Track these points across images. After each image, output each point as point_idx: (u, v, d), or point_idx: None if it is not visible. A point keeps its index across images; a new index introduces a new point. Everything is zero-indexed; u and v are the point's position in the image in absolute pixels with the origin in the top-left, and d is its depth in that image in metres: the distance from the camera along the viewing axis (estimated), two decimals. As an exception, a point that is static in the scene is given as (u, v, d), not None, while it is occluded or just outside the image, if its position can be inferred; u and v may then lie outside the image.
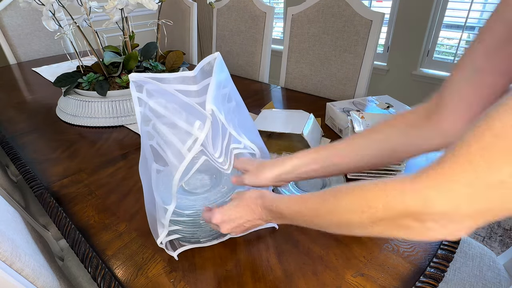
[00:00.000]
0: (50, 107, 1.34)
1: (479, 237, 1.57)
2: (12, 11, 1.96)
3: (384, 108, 1.02)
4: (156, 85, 0.49)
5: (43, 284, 0.58)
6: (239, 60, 1.80)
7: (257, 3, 1.63)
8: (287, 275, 0.58)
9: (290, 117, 0.99)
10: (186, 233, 0.61)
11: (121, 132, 1.14)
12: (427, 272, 0.57)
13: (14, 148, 1.03)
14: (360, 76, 1.34)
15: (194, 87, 0.55)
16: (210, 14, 3.27)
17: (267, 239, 0.66)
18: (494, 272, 0.80)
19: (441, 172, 0.31)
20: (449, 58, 2.24)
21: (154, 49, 1.30)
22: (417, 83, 2.40)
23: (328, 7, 1.37)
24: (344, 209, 0.39)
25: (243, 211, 0.52)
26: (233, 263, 0.61)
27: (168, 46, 2.09)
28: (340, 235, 0.65)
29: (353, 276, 0.57)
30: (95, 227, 0.71)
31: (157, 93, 0.52)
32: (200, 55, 3.71)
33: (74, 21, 1.14)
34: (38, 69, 1.84)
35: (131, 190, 0.82)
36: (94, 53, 1.19)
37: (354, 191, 0.39)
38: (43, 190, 0.83)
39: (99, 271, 0.60)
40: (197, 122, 0.49)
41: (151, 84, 0.50)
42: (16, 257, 0.53)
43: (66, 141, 1.08)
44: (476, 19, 2.06)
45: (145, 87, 0.52)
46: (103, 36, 2.59)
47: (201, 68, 0.54)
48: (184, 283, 0.58)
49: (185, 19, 1.97)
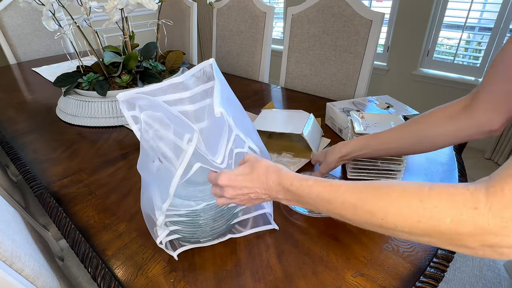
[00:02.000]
0: (50, 107, 1.34)
1: (479, 237, 1.57)
2: (12, 11, 1.96)
3: (384, 108, 1.02)
4: (147, 99, 0.49)
5: (43, 284, 0.58)
6: (239, 60, 1.80)
7: (257, 3, 1.63)
8: (287, 275, 0.58)
9: (290, 117, 0.99)
10: (185, 233, 0.61)
11: (121, 132, 1.14)
12: (427, 272, 0.57)
13: (14, 148, 1.03)
14: (360, 76, 1.34)
15: (186, 93, 0.55)
16: (210, 14, 3.27)
17: (267, 239, 0.66)
18: (494, 272, 0.80)
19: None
20: (449, 58, 2.24)
21: (154, 49, 1.30)
22: (417, 83, 2.40)
23: (328, 7, 1.37)
24: (393, 213, 0.36)
25: (253, 181, 0.49)
26: (233, 263, 0.61)
27: (168, 46, 2.09)
28: (340, 235, 0.65)
29: (353, 276, 0.57)
30: (95, 227, 0.71)
31: (148, 107, 0.51)
32: (200, 55, 3.71)
33: (74, 21, 1.14)
34: (38, 69, 1.84)
35: (131, 190, 0.82)
36: (94, 53, 1.19)
37: (411, 196, 0.35)
38: (43, 190, 0.83)
39: (99, 271, 0.60)
40: (187, 135, 0.48)
41: (142, 99, 0.49)
42: (16, 257, 0.53)
43: (66, 141, 1.08)
44: (476, 19, 2.06)
45: (137, 104, 0.51)
46: (103, 36, 2.60)
47: (193, 74, 0.54)
48: (184, 283, 0.58)
49: (185, 19, 1.97)
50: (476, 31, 2.11)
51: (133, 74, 1.21)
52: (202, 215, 0.58)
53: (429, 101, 2.38)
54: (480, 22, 2.06)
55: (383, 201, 0.37)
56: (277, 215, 0.71)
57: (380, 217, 0.37)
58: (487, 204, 0.29)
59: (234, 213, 0.64)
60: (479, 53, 2.12)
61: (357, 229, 0.67)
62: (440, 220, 0.32)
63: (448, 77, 2.22)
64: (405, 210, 0.35)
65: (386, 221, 0.37)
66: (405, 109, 0.99)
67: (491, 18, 1.99)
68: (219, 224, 0.61)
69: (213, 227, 0.61)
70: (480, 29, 2.09)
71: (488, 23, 2.02)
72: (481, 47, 2.10)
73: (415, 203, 0.34)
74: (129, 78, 1.18)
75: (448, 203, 0.32)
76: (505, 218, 0.28)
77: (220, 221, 0.61)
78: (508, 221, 0.28)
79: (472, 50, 2.18)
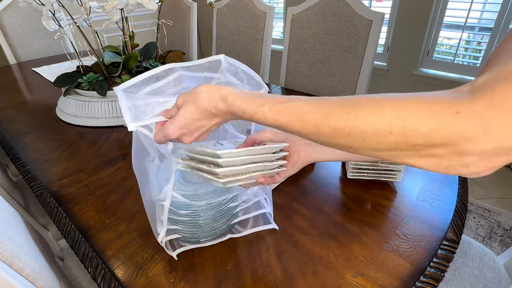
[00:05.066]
0: (50, 107, 1.34)
1: (479, 237, 1.57)
2: (12, 11, 1.96)
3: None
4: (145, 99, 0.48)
5: (43, 284, 0.58)
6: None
7: (257, 3, 1.63)
8: (287, 275, 0.58)
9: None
10: (185, 233, 0.61)
11: (121, 132, 1.14)
12: (427, 272, 0.57)
13: (14, 148, 1.03)
14: (360, 76, 1.34)
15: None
16: (210, 14, 3.27)
17: (267, 239, 0.66)
18: (494, 272, 0.80)
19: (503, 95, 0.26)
20: (449, 58, 2.24)
21: (154, 49, 1.30)
22: (417, 83, 2.40)
23: (328, 7, 1.37)
24: (360, 125, 0.32)
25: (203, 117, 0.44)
26: (233, 263, 0.61)
27: (168, 46, 2.09)
28: (340, 235, 0.65)
29: (353, 276, 0.57)
30: (95, 227, 0.71)
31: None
32: (200, 55, 3.71)
33: (74, 21, 1.14)
34: (38, 69, 1.84)
35: (131, 190, 0.82)
36: (94, 53, 1.19)
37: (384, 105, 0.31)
38: (43, 190, 0.83)
39: (99, 271, 0.60)
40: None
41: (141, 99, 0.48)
42: (16, 257, 0.53)
43: (66, 141, 1.08)
44: (476, 19, 2.06)
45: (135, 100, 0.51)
46: (103, 36, 2.60)
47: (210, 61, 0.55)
48: (184, 283, 0.58)
49: (185, 19, 1.97)
50: (476, 31, 2.11)
51: (133, 74, 1.21)
52: (202, 215, 0.58)
53: (429, 101, 2.38)
54: (480, 22, 2.06)
55: (351, 114, 0.33)
56: (277, 215, 0.71)
57: (346, 131, 0.33)
58: (472, 107, 0.27)
59: (234, 213, 0.64)
60: (479, 53, 2.12)
61: (357, 229, 0.67)
62: (414, 129, 0.29)
63: (448, 77, 2.22)
64: (375, 120, 0.31)
65: (352, 136, 0.33)
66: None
67: (491, 18, 1.99)
68: (219, 224, 0.61)
69: (213, 227, 0.61)
70: (480, 29, 2.09)
71: (488, 23, 2.02)
72: (481, 47, 2.10)
73: (387, 112, 0.30)
74: (129, 78, 1.18)
75: (425, 110, 0.29)
76: (487, 121, 0.26)
77: (220, 221, 0.61)
78: (490, 125, 0.26)
79: (472, 50, 2.18)
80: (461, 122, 0.27)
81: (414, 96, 0.31)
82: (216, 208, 0.59)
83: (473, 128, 0.26)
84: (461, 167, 0.29)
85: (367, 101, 0.32)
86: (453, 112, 0.27)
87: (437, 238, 0.64)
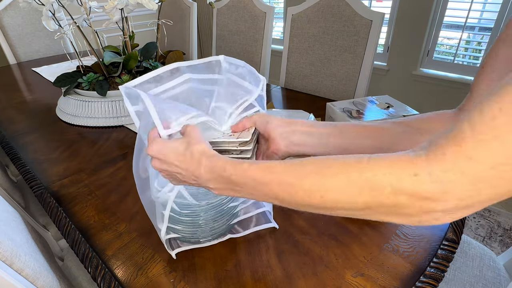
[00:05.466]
0: (50, 107, 1.34)
1: (479, 237, 1.57)
2: (12, 11, 1.96)
3: (384, 108, 1.02)
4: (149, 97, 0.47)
5: (43, 284, 0.58)
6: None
7: (257, 3, 1.63)
8: (287, 275, 0.58)
9: (290, 117, 0.99)
10: (185, 233, 0.61)
11: (121, 132, 1.14)
12: (427, 272, 0.57)
13: (14, 148, 1.03)
14: (360, 76, 1.34)
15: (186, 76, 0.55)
16: (210, 14, 3.27)
17: (267, 239, 0.66)
18: (494, 272, 0.80)
19: (460, 151, 0.26)
20: (449, 58, 2.24)
21: (154, 49, 1.30)
22: (417, 83, 2.40)
23: (328, 7, 1.37)
24: (332, 188, 0.33)
25: (185, 162, 0.43)
26: (233, 263, 0.61)
27: (168, 46, 2.09)
28: (340, 235, 0.65)
29: (353, 276, 0.57)
30: (95, 227, 0.71)
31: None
32: (200, 55, 3.71)
33: (74, 21, 1.14)
34: (38, 69, 1.84)
35: (131, 190, 0.82)
36: (94, 53, 1.19)
37: (350, 168, 0.33)
38: (43, 190, 0.83)
39: (99, 271, 0.60)
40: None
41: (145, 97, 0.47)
42: (16, 257, 0.53)
43: (66, 141, 1.08)
44: (476, 19, 2.06)
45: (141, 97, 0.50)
46: (103, 36, 2.60)
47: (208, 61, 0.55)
48: (184, 283, 0.58)
49: (185, 19, 1.97)
50: (476, 31, 2.11)
51: (133, 74, 1.21)
52: (202, 215, 0.58)
53: (429, 101, 2.38)
54: (480, 22, 2.06)
55: (322, 177, 0.34)
56: (277, 215, 0.71)
57: (319, 195, 0.34)
58: (427, 169, 0.28)
59: (234, 213, 0.64)
60: (479, 53, 2.12)
61: (357, 229, 0.67)
62: (380, 189, 0.30)
63: (448, 77, 2.22)
64: (344, 183, 0.32)
65: (325, 199, 0.34)
66: (405, 109, 0.99)
67: (491, 18, 1.99)
68: (219, 224, 0.61)
69: (213, 227, 0.61)
70: (480, 29, 2.09)
71: (488, 23, 2.02)
72: (481, 47, 2.10)
73: (355, 175, 0.32)
74: (129, 78, 1.18)
75: (388, 170, 0.30)
76: (444, 183, 0.27)
77: (220, 221, 0.61)
78: (448, 185, 0.27)
79: (472, 50, 2.18)
80: (420, 185, 0.28)
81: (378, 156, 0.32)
82: (216, 208, 0.59)
83: (433, 191, 0.28)
84: (432, 220, 0.30)
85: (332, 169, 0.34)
86: (412, 174, 0.29)
87: (437, 238, 0.64)
